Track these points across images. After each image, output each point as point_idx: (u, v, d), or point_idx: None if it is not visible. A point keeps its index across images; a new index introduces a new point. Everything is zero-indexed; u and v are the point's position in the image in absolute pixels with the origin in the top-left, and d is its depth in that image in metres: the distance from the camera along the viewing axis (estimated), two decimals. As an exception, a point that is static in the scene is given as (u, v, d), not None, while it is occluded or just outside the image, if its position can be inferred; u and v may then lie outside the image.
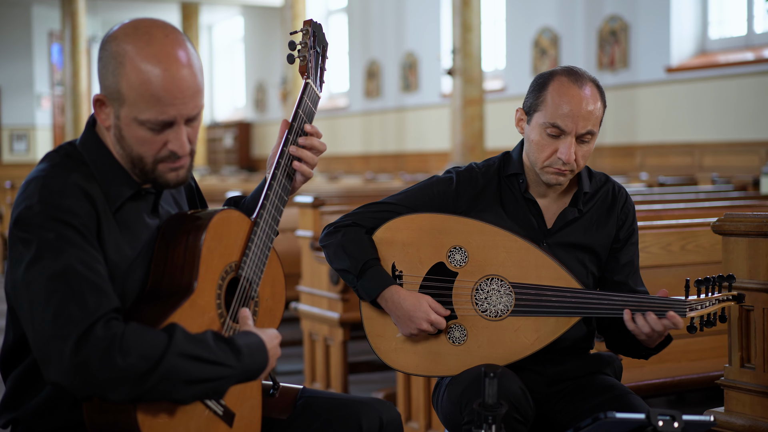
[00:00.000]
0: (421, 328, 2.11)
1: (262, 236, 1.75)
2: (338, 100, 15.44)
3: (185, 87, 1.57)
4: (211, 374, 1.53)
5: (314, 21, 1.92)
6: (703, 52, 9.19)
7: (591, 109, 2.09)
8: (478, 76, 9.54)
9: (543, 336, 2.09)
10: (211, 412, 1.63)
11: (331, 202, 4.72)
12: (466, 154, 9.54)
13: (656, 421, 1.56)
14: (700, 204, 4.13)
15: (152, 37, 1.56)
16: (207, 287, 1.63)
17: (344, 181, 10.14)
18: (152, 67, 1.55)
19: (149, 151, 1.60)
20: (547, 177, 2.14)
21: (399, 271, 2.17)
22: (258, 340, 1.63)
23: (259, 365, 1.62)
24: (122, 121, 1.59)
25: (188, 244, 1.62)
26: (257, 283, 1.74)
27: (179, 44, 1.57)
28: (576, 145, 2.10)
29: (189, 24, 16.67)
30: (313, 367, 4.46)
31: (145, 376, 1.45)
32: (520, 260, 2.10)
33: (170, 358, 1.47)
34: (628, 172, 8.72)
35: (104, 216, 1.59)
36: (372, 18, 14.18)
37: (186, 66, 1.57)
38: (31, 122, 17.34)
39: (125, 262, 1.61)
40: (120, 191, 1.62)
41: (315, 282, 4.37)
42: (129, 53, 1.55)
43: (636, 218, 2.27)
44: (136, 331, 1.47)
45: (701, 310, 2.04)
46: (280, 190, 1.82)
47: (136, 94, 1.55)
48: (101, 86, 1.60)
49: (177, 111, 1.57)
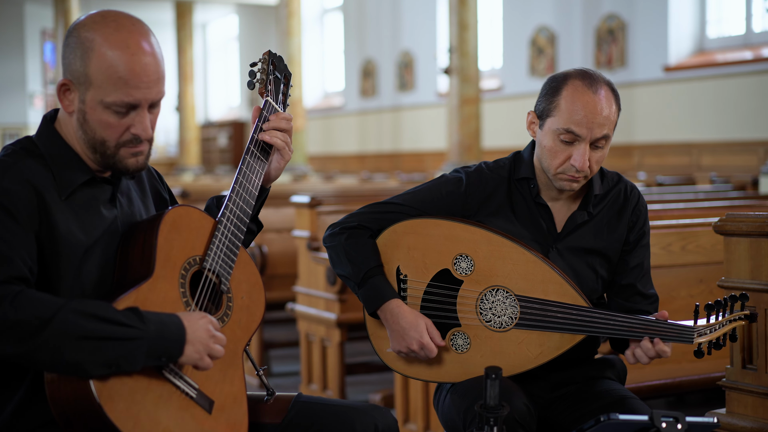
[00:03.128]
0: (411, 347, 2.08)
1: (226, 232, 1.80)
2: (334, 99, 15.42)
3: (151, 71, 1.67)
4: (111, 333, 1.54)
5: (272, 52, 2.02)
6: (702, 51, 9.18)
7: (606, 114, 2.04)
8: (475, 75, 9.52)
9: (547, 351, 2.06)
10: (181, 392, 1.65)
11: (327, 202, 4.70)
12: (462, 153, 9.53)
13: (659, 422, 1.55)
14: (699, 204, 4.12)
15: (120, 25, 1.67)
16: (167, 275, 1.68)
17: (340, 181, 10.13)
18: (120, 52, 1.64)
19: (112, 134, 1.68)
20: (561, 183, 2.10)
21: (404, 275, 2.15)
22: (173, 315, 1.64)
23: (174, 335, 1.61)
24: (87, 105, 1.67)
25: (145, 238, 1.70)
26: (227, 277, 1.77)
27: (144, 34, 1.68)
28: (590, 151, 2.06)
29: (183, 22, 16.62)
30: (310, 369, 4.44)
31: (34, 333, 1.50)
32: (527, 273, 2.07)
33: (63, 314, 1.52)
34: (626, 172, 8.70)
35: (53, 202, 1.65)
36: (368, 16, 14.16)
37: (150, 54, 1.68)
38: (24, 121, 17.28)
39: (80, 246, 1.67)
40: (72, 178, 1.69)
41: (312, 282, 4.35)
42: (97, 39, 1.65)
43: (648, 220, 2.23)
44: (33, 294, 1.54)
45: (710, 335, 2.01)
46: (247, 176, 1.87)
47: (103, 77, 1.64)
48: (67, 71, 1.68)
49: (142, 94, 1.67)
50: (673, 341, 2.01)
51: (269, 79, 1.99)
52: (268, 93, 1.98)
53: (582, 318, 2.04)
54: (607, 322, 2.03)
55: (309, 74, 14.70)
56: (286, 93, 2.04)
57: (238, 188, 1.85)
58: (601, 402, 2.11)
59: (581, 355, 2.20)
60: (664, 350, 2.01)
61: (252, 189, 1.88)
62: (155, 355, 1.59)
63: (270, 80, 1.99)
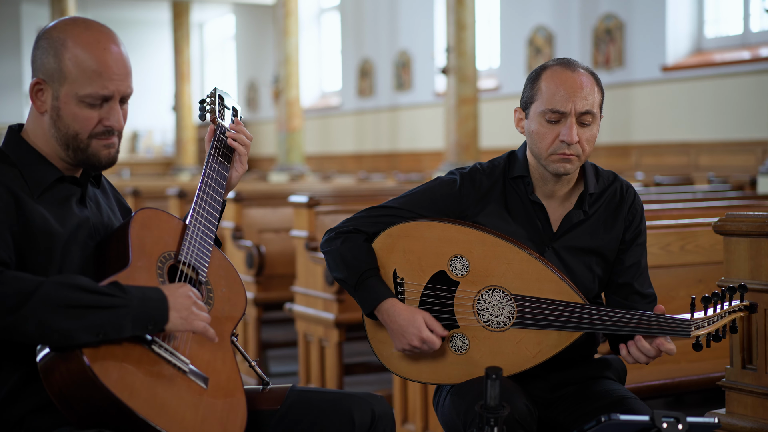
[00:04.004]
0: (413, 344, 2.08)
1: (196, 229, 1.88)
2: (330, 99, 15.41)
3: (122, 65, 1.79)
4: (94, 301, 1.61)
5: (217, 88, 2.11)
6: (699, 50, 9.19)
7: (587, 89, 2.08)
8: (473, 75, 9.51)
9: (545, 349, 2.07)
10: (174, 367, 1.69)
11: (325, 202, 4.69)
12: (460, 153, 9.52)
13: (660, 423, 1.55)
14: (698, 204, 4.12)
15: (89, 26, 1.79)
16: (145, 266, 1.75)
17: (337, 181, 10.13)
18: (93, 48, 1.76)
19: (85, 127, 1.77)
20: (554, 166, 2.10)
21: (400, 278, 2.15)
22: (153, 287, 1.71)
23: (156, 302, 1.67)
24: (61, 100, 1.76)
25: (118, 238, 1.79)
26: (203, 270, 1.85)
27: (112, 35, 1.81)
28: (578, 128, 2.08)
29: (180, 22, 16.57)
30: (308, 369, 4.43)
31: (19, 305, 1.57)
32: (522, 272, 2.07)
33: (47, 287, 1.59)
34: (623, 172, 8.71)
35: (26, 202, 1.73)
36: (365, 16, 14.15)
37: (119, 51, 1.80)
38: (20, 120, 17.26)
39: (57, 237, 1.75)
40: (42, 178, 1.77)
41: (310, 282, 4.34)
42: (70, 37, 1.76)
43: (644, 218, 2.23)
44: (15, 273, 1.62)
45: (708, 327, 2.00)
46: (211, 183, 1.98)
47: (78, 71, 1.75)
48: (39, 71, 1.78)
49: (115, 87, 1.77)
50: (671, 335, 2.01)
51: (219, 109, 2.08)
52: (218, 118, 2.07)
53: (578, 315, 2.04)
54: (603, 317, 2.03)
55: (306, 74, 14.69)
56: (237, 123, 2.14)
57: (205, 188, 1.95)
58: (601, 402, 2.11)
59: (581, 355, 2.20)
60: (669, 349, 2.01)
61: (217, 186, 1.98)
62: (141, 323, 1.65)
63: (222, 110, 2.08)
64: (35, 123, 1.82)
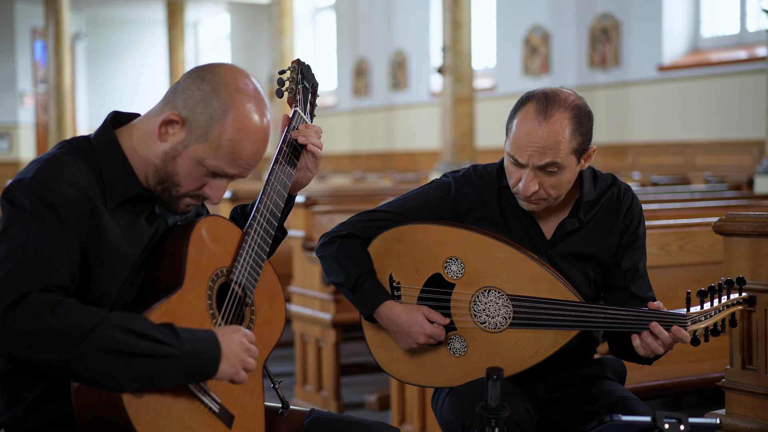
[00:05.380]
0: (419, 342, 2.08)
1: (253, 244, 1.77)
2: (326, 98, 15.39)
3: (258, 159, 1.70)
4: (147, 349, 1.52)
5: (301, 60, 1.98)
6: (696, 50, 9.19)
7: (550, 142, 1.98)
8: (468, 75, 9.51)
9: (543, 348, 2.06)
10: (205, 406, 1.64)
11: (322, 202, 4.68)
12: (456, 153, 9.52)
13: (662, 423, 1.55)
14: (696, 204, 4.11)
15: (256, 99, 1.68)
16: (196, 286, 1.66)
17: (333, 181, 10.11)
18: (247, 134, 1.66)
19: (189, 185, 1.69)
20: (521, 203, 2.09)
21: (396, 282, 2.15)
22: (208, 331, 1.62)
23: (209, 354, 1.59)
24: (188, 151, 1.66)
25: (176, 246, 1.68)
26: (251, 290, 1.76)
27: (267, 112, 1.71)
28: (542, 175, 2.02)
29: (174, 21, 16.53)
30: (305, 369, 4.42)
31: (72, 344, 1.48)
32: (516, 272, 2.07)
33: (102, 328, 1.50)
34: (619, 172, 8.70)
35: (102, 212, 1.63)
36: (360, 15, 14.14)
37: (264, 143, 1.71)
38: (14, 120, 17.19)
39: (127, 259, 1.66)
40: (123, 191, 1.67)
41: (307, 282, 4.33)
42: (233, 109, 1.65)
43: (643, 222, 2.19)
44: (74, 304, 1.52)
45: (705, 321, 1.99)
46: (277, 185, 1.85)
47: (221, 144, 1.65)
48: (185, 109, 1.66)
49: (239, 171, 1.69)
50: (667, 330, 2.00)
51: (298, 89, 1.96)
52: (296, 103, 1.95)
53: (574, 313, 2.03)
54: (598, 315, 2.02)
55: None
56: (313, 103, 2.01)
57: (266, 199, 1.83)
58: (601, 403, 2.10)
59: (580, 356, 2.19)
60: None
61: (278, 200, 1.85)
62: (189, 374, 1.58)
63: (299, 89, 1.96)
64: (142, 137, 1.69)
